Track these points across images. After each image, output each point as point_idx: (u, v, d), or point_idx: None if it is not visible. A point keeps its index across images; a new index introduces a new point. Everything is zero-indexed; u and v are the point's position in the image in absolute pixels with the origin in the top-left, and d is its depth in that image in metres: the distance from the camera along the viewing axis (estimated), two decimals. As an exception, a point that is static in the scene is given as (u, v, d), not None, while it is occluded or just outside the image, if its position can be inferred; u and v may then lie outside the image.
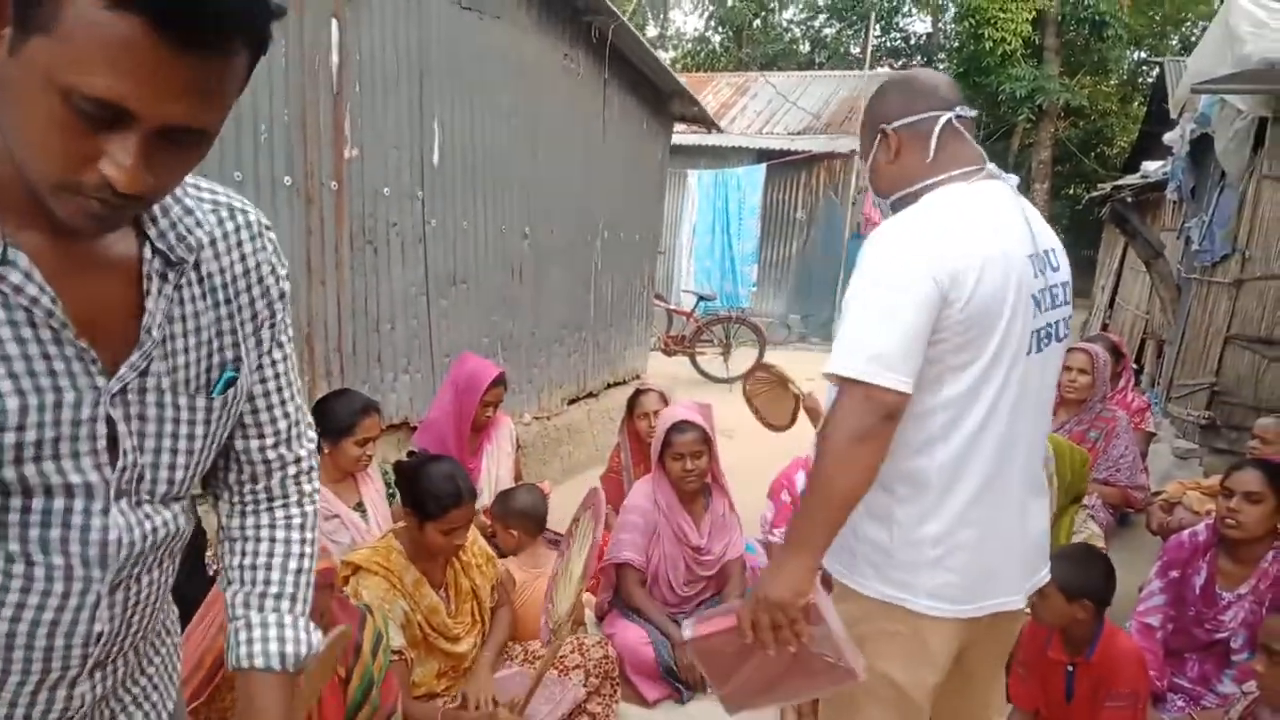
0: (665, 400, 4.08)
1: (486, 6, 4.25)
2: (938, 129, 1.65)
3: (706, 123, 7.49)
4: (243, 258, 0.99)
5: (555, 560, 2.71)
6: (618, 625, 3.11)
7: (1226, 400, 5.74)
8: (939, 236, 1.54)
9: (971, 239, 1.54)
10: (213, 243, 0.96)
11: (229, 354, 0.98)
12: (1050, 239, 1.72)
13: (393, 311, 3.90)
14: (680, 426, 3.18)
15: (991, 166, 1.68)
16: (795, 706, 2.75)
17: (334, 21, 3.33)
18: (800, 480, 3.69)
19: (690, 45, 27.22)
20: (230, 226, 0.98)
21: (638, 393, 4.15)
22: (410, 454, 3.13)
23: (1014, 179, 1.72)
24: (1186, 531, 3.12)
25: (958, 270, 1.51)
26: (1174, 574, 3.01)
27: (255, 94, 3.04)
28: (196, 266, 0.94)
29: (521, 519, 3.13)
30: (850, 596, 1.69)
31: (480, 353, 4.11)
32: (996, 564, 1.66)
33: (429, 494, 2.38)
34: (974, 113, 1.72)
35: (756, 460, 5.54)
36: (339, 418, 2.85)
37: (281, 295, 1.05)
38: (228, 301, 0.98)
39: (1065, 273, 1.74)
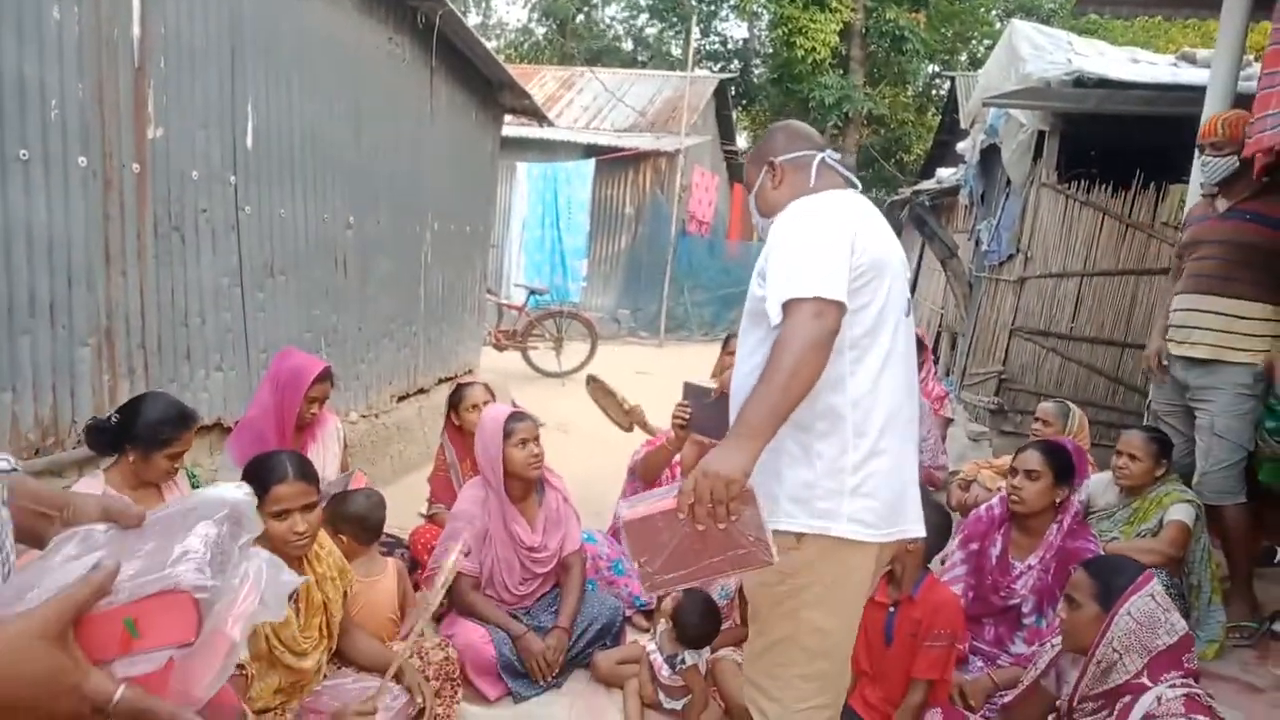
0: (491, 393, 4.04)
1: (306, -17, 4.03)
2: (815, 163, 2.04)
3: (537, 115, 7.46)
4: None
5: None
6: (457, 625, 3.04)
7: (1012, 387, 6.36)
8: (838, 203, 1.92)
9: (861, 214, 1.92)
10: None
11: None
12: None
13: (203, 304, 3.62)
14: (516, 415, 3.24)
15: (857, 189, 2.08)
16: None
17: (134, -12, 3.05)
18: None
19: (514, 36, 26.99)
20: None
21: (460, 387, 4.09)
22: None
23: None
24: (984, 506, 3.42)
25: (856, 222, 1.86)
26: (973, 546, 3.30)
27: (43, 64, 2.73)
28: None
29: (354, 525, 2.99)
30: (781, 550, 1.76)
31: (302, 348, 3.89)
32: (902, 491, 1.92)
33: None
34: (839, 156, 2.15)
35: (592, 453, 5.60)
36: (153, 428, 2.57)
37: None
38: None
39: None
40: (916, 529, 1.95)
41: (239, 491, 0.92)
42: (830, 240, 1.79)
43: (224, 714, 1.89)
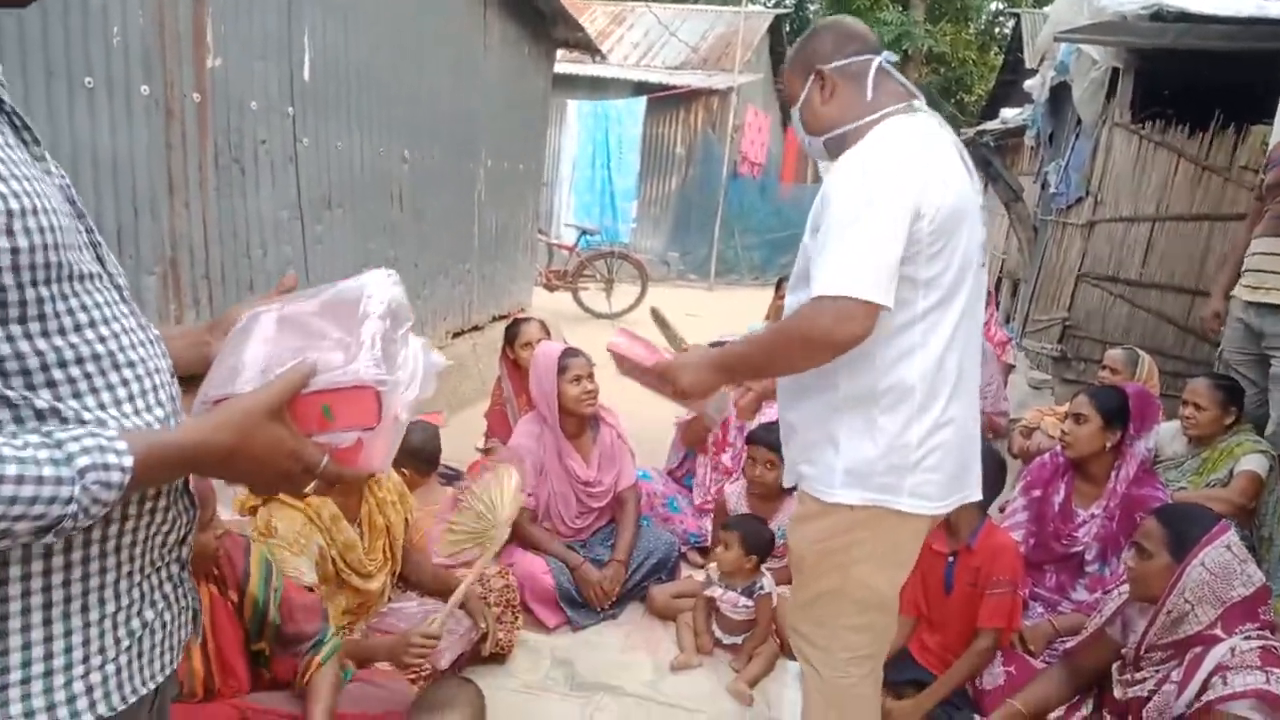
0: (546, 329, 4.03)
1: (361, -91, 3.96)
2: (872, 70, 1.76)
3: (591, 49, 7.31)
4: None
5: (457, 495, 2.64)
6: (516, 555, 3.09)
7: (1076, 334, 6.18)
8: (905, 159, 1.63)
9: (931, 158, 1.66)
10: None
11: None
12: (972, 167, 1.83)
13: (264, 236, 3.64)
14: (570, 351, 3.26)
15: (921, 101, 1.79)
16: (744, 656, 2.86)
17: (192, -87, 3.01)
18: None
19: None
20: None
21: (516, 322, 4.09)
22: None
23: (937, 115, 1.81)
24: (1048, 453, 3.35)
25: (926, 186, 1.61)
26: (1036, 493, 3.23)
27: (104, -12, 2.72)
28: None
29: (413, 457, 3.03)
30: (830, 512, 1.77)
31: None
32: (966, 460, 1.81)
33: None
34: (896, 57, 1.84)
35: (645, 392, 5.59)
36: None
37: None
38: None
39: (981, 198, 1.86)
40: (975, 493, 1.85)
41: (393, 285, 1.05)
42: (883, 221, 1.58)
43: (313, 611, 1.96)
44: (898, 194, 1.59)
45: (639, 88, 12.12)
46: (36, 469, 0.73)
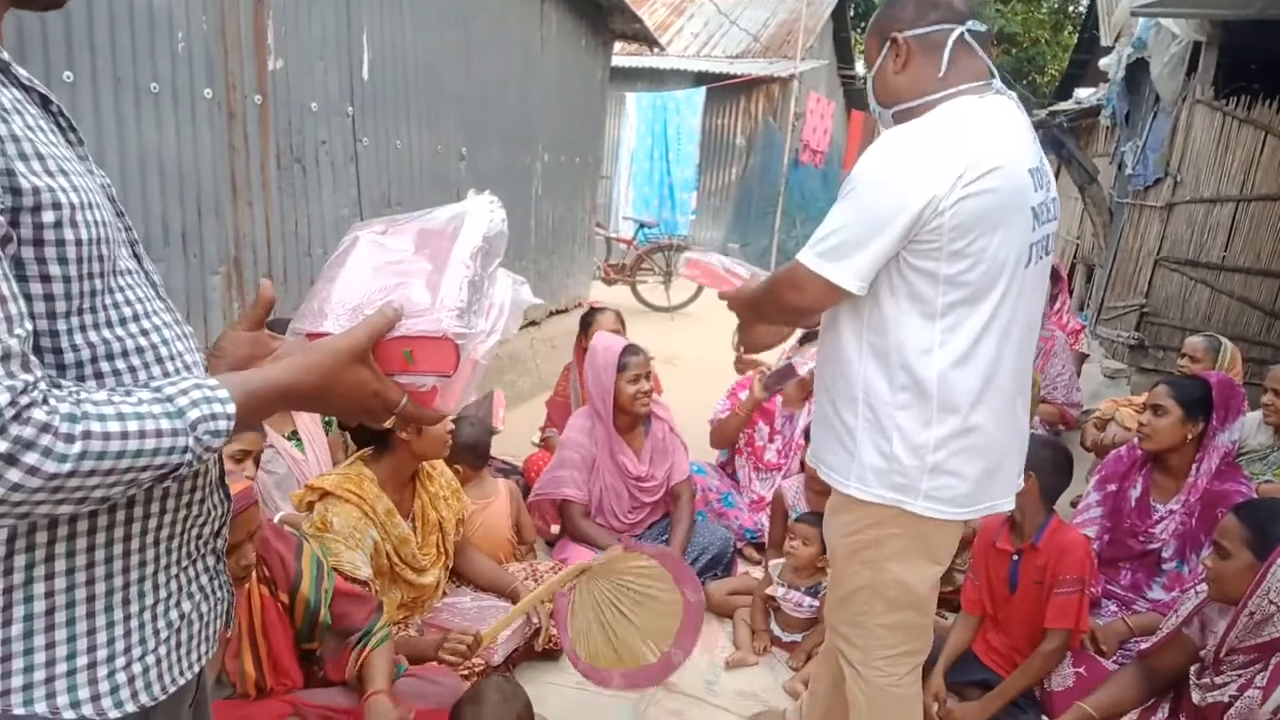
0: (621, 320, 4.03)
1: (416, -92, 3.99)
2: (950, 41, 1.64)
3: (649, 41, 7.27)
4: None
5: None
6: (569, 550, 3.09)
7: (1154, 321, 5.93)
8: (938, 149, 1.56)
9: (976, 150, 1.55)
10: None
11: None
12: (1044, 156, 1.73)
13: (325, 235, 3.71)
14: (632, 349, 3.23)
15: (998, 82, 1.67)
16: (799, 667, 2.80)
17: (251, -82, 3.07)
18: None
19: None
20: None
21: (593, 310, 4.09)
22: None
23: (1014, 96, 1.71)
24: (1124, 446, 3.21)
25: (955, 179, 1.52)
26: (1111, 487, 3.10)
27: (169, -2, 2.80)
28: None
29: (464, 454, 3.05)
30: (854, 505, 1.75)
31: (419, 279, 3.95)
32: (994, 467, 1.71)
33: None
34: (985, 27, 1.68)
35: (700, 386, 5.56)
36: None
37: None
38: None
39: (1054, 189, 1.76)
40: (1005, 504, 1.76)
41: (492, 215, 1.11)
42: (886, 207, 1.54)
43: (363, 603, 1.99)
44: (912, 183, 1.53)
45: (699, 78, 12.01)
46: (155, 422, 0.78)
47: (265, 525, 1.87)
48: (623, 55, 9.78)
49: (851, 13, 17.84)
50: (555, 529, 3.31)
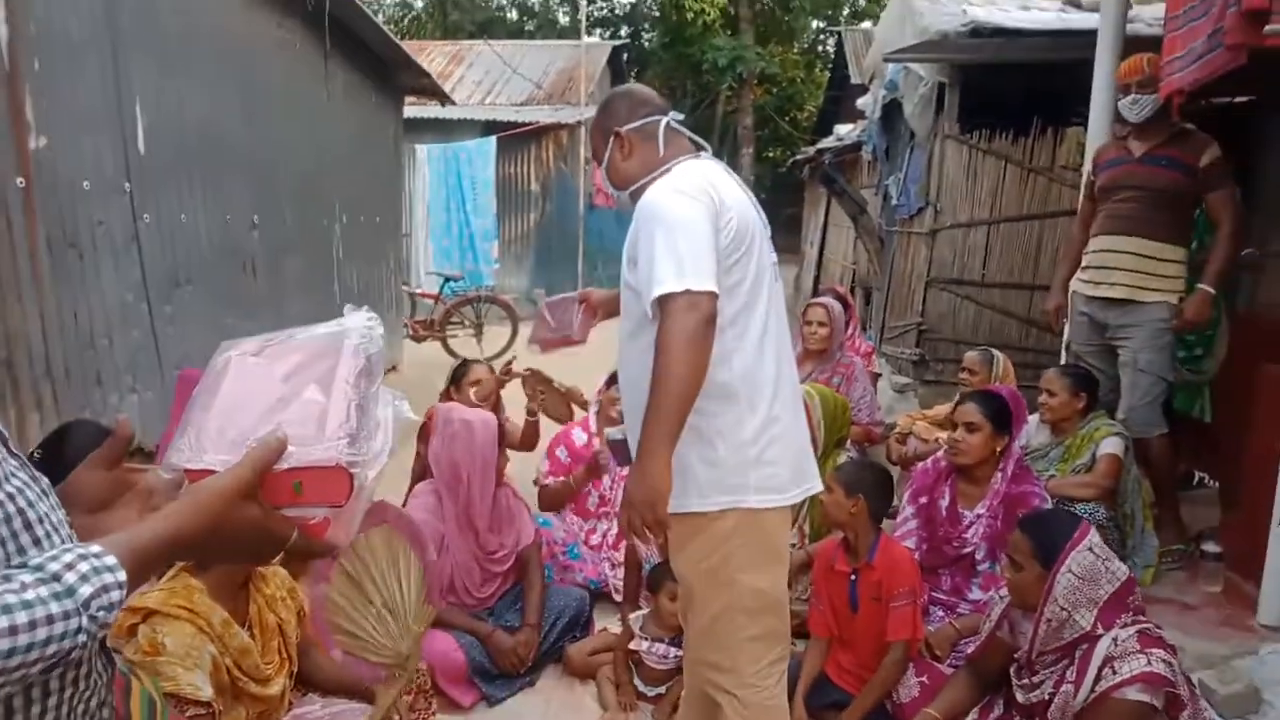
0: (493, 372, 3.97)
1: (185, -31, 3.77)
2: (662, 129, 1.99)
3: (438, 95, 7.22)
4: None
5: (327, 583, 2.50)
6: (423, 637, 2.95)
7: (931, 336, 6.53)
8: (700, 179, 1.86)
9: (721, 182, 1.89)
10: None
11: None
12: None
13: (109, 323, 3.38)
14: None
15: (707, 151, 2.04)
16: None
17: (-4, -15, 2.78)
18: (578, 437, 3.82)
19: (392, 10, 26.04)
20: None
21: (466, 362, 4.02)
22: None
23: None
24: (930, 459, 3.49)
25: (721, 199, 1.84)
26: (922, 499, 3.36)
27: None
28: None
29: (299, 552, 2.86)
30: (699, 527, 1.90)
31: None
32: (800, 452, 1.99)
33: None
34: (681, 116, 2.06)
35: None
36: (82, 453, 2.38)
37: None
38: None
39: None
40: (816, 484, 2.05)
41: (371, 333, 1.06)
42: (694, 227, 1.78)
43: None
44: (702, 206, 1.80)
45: (488, 127, 12.02)
46: (44, 608, 0.71)
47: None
48: (408, 106, 9.63)
49: (626, 58, 18.57)
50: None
